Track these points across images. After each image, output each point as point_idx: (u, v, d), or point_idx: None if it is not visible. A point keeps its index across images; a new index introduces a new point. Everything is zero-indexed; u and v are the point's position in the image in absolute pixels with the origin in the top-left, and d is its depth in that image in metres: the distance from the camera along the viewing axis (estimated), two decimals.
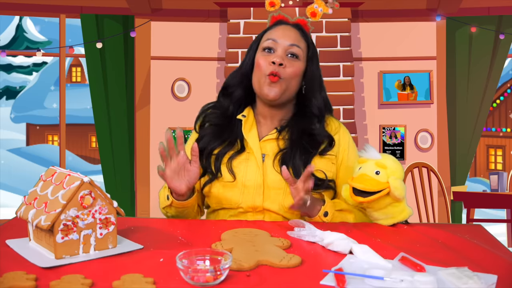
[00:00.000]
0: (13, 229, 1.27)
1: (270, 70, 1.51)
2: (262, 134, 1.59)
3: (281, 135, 1.56)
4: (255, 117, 1.61)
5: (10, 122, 13.64)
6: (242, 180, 1.51)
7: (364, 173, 1.34)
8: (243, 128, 1.57)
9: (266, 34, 1.60)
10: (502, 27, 4.49)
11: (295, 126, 1.56)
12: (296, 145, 1.52)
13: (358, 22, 4.54)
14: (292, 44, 1.55)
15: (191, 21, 4.54)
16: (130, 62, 4.58)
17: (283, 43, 1.55)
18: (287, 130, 1.57)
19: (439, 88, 4.54)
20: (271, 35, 1.57)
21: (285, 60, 1.53)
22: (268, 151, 1.55)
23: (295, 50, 1.55)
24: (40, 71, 14.15)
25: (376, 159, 1.35)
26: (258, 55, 1.57)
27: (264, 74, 1.52)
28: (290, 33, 1.57)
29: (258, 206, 1.50)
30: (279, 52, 1.54)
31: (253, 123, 1.59)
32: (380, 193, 1.32)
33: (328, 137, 1.57)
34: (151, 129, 4.58)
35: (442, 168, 4.51)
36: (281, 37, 1.55)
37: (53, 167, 1.22)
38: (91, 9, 4.50)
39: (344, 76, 4.26)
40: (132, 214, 4.54)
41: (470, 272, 0.96)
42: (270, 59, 1.52)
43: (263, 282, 0.95)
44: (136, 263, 1.04)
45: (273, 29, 1.60)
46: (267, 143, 1.56)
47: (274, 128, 1.58)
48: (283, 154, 1.52)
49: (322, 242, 1.17)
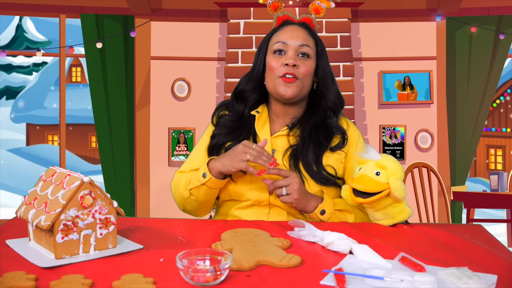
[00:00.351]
0: (13, 229, 1.27)
1: (284, 71, 1.54)
2: (274, 131, 1.62)
3: (292, 132, 1.59)
4: (269, 115, 1.65)
5: (10, 122, 13.65)
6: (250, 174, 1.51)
7: (364, 174, 1.34)
8: (256, 123, 1.61)
9: (274, 36, 1.62)
10: (502, 27, 4.49)
11: (306, 122, 1.59)
12: (309, 139, 1.55)
13: (358, 22, 4.54)
14: (302, 44, 1.57)
15: (191, 21, 4.54)
16: (130, 62, 4.58)
17: (293, 44, 1.57)
18: (298, 127, 1.60)
19: (439, 88, 4.54)
20: (279, 37, 1.60)
21: (297, 61, 1.56)
22: (279, 147, 1.58)
23: (305, 50, 1.58)
24: (40, 71, 14.16)
25: (376, 160, 1.35)
26: (269, 58, 1.59)
27: (278, 75, 1.55)
28: (299, 33, 1.59)
29: (264, 200, 1.52)
30: (290, 53, 1.57)
31: (267, 120, 1.63)
32: (380, 194, 1.32)
33: (342, 133, 1.60)
34: (151, 129, 4.58)
35: (442, 168, 4.51)
36: (290, 38, 1.58)
37: (53, 167, 1.22)
38: (91, 9, 4.50)
39: (344, 76, 4.26)
40: (132, 214, 4.54)
41: (470, 272, 0.96)
42: (282, 61, 1.56)
43: (263, 282, 0.95)
44: (136, 263, 1.04)
45: (280, 30, 1.62)
46: (278, 139, 1.60)
47: (286, 125, 1.61)
48: (295, 149, 1.55)
49: (322, 242, 1.17)
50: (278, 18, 1.61)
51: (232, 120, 1.63)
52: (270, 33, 1.66)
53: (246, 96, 1.64)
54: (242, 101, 1.65)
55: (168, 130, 4.53)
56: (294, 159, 1.54)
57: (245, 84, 1.65)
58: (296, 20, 1.67)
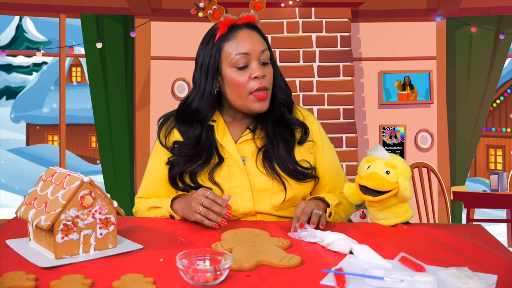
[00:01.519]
0: (13, 229, 1.27)
1: (255, 86, 1.44)
2: (235, 136, 1.54)
3: (256, 134, 1.53)
4: (225, 121, 1.55)
5: (10, 122, 13.64)
6: (228, 189, 1.47)
7: (374, 172, 1.33)
8: (216, 134, 1.52)
9: (227, 46, 1.47)
10: (502, 27, 4.49)
11: (266, 121, 1.52)
12: (275, 138, 1.50)
13: (358, 22, 4.54)
14: (262, 50, 1.47)
15: (191, 21, 4.54)
16: (130, 62, 4.58)
17: (254, 52, 1.45)
18: (260, 128, 1.53)
19: (439, 88, 4.54)
20: (238, 47, 1.45)
21: (263, 70, 1.46)
22: (247, 153, 1.52)
23: (265, 57, 1.48)
24: (40, 71, 14.14)
25: (386, 159, 1.35)
26: (230, 71, 1.46)
27: (248, 92, 1.45)
28: (254, 39, 1.48)
29: (250, 211, 1.48)
30: (254, 64, 1.45)
31: (225, 126, 1.54)
32: (389, 193, 1.31)
33: (301, 125, 1.56)
34: (151, 129, 4.57)
35: (442, 168, 4.51)
36: (250, 47, 1.45)
37: (53, 167, 1.22)
38: (91, 9, 4.50)
39: (344, 76, 4.25)
40: (132, 214, 4.52)
41: (470, 272, 0.96)
42: (247, 74, 1.45)
43: (263, 282, 0.95)
44: (136, 263, 1.04)
45: (232, 39, 1.47)
46: (243, 145, 1.53)
47: (246, 128, 1.55)
48: (265, 151, 1.50)
49: (323, 243, 1.17)
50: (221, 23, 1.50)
51: (191, 149, 1.49)
52: (219, 42, 1.48)
53: (202, 117, 1.50)
54: (198, 121, 1.51)
55: None
56: (267, 161, 1.48)
57: (198, 103, 1.49)
58: (239, 21, 1.50)
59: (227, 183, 1.48)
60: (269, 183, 1.48)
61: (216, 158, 1.49)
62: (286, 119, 1.54)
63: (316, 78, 4.20)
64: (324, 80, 4.21)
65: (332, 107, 4.17)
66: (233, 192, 1.47)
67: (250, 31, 1.49)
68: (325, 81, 4.21)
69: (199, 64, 1.51)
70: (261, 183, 1.48)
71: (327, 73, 4.22)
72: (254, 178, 1.49)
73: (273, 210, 1.49)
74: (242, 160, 1.50)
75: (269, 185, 1.48)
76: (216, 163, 1.48)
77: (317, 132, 1.60)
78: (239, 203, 1.47)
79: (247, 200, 1.47)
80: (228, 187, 1.48)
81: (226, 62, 1.47)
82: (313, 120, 1.63)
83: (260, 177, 1.48)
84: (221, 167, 1.49)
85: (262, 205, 1.48)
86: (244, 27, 1.50)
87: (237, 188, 1.48)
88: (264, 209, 1.48)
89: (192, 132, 1.51)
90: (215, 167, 1.48)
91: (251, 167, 1.50)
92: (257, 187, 1.48)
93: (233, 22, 1.50)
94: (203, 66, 1.49)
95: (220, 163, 1.49)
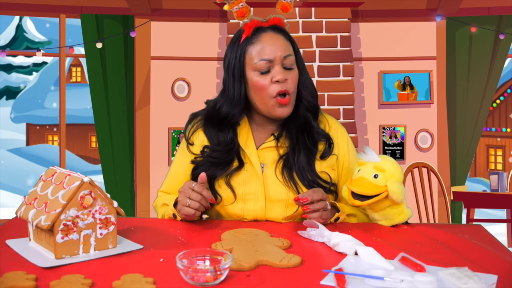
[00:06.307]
0: (13, 229, 1.27)
1: (276, 90, 1.42)
2: (258, 141, 1.52)
3: (280, 142, 1.50)
4: (250, 125, 1.53)
5: (10, 122, 13.64)
6: (242, 194, 1.45)
7: (362, 177, 1.33)
8: (239, 137, 1.50)
9: (251, 49, 1.45)
10: (502, 27, 4.49)
11: (291, 127, 1.50)
12: (298, 145, 1.47)
13: (358, 22, 4.54)
14: (285, 56, 1.44)
15: (191, 21, 4.54)
16: (130, 62, 4.58)
17: (277, 58, 1.43)
18: (285, 135, 1.50)
19: (439, 88, 4.54)
20: (261, 53, 1.44)
21: (285, 74, 1.44)
22: (267, 159, 1.49)
23: (289, 62, 1.45)
24: (40, 71, 14.14)
25: (375, 162, 1.34)
26: (253, 75, 1.45)
27: (271, 96, 1.43)
28: (278, 42, 1.45)
29: (260, 217, 1.46)
30: (277, 68, 1.43)
31: (249, 131, 1.52)
32: (377, 197, 1.31)
33: (326, 137, 1.52)
34: (151, 129, 4.58)
35: (442, 168, 4.51)
36: (273, 52, 1.43)
37: (53, 167, 1.22)
38: (91, 9, 4.50)
39: (344, 76, 4.26)
40: (132, 214, 4.54)
41: (470, 272, 0.96)
42: (269, 77, 1.43)
43: (263, 282, 0.95)
44: (136, 263, 1.04)
45: (256, 42, 1.45)
46: (265, 151, 1.50)
47: (271, 134, 1.52)
48: (285, 159, 1.47)
49: (329, 243, 1.17)
50: (246, 25, 1.48)
51: (221, 154, 1.47)
52: (244, 45, 1.46)
53: (233, 121, 1.49)
54: (228, 126, 1.49)
55: (168, 130, 4.53)
56: (287, 169, 1.46)
57: (229, 108, 1.47)
58: (266, 23, 1.49)
59: (242, 188, 1.46)
60: (284, 194, 1.45)
61: (237, 162, 1.48)
62: (311, 127, 1.51)
63: (316, 78, 4.20)
64: (324, 80, 4.21)
65: (332, 107, 4.18)
66: (246, 198, 1.45)
67: (275, 35, 1.47)
68: (325, 81, 4.21)
69: (226, 66, 1.50)
70: (276, 192, 1.46)
71: (327, 73, 4.22)
72: (270, 186, 1.46)
73: (283, 220, 1.46)
74: (261, 167, 1.48)
75: (284, 195, 1.45)
76: (236, 167, 1.47)
77: (344, 147, 1.55)
78: (250, 210, 1.45)
79: (259, 209, 1.45)
80: (243, 193, 1.46)
81: (250, 66, 1.46)
82: (342, 132, 1.57)
83: (277, 187, 1.46)
84: (239, 172, 1.47)
85: (274, 213, 1.46)
86: (269, 30, 1.48)
87: (251, 194, 1.45)
88: (275, 217, 1.46)
89: (222, 136, 1.49)
90: (234, 171, 1.47)
91: (269, 175, 1.47)
92: (271, 196, 1.46)
93: (259, 25, 1.48)
94: (229, 68, 1.48)
95: (240, 167, 1.47)
